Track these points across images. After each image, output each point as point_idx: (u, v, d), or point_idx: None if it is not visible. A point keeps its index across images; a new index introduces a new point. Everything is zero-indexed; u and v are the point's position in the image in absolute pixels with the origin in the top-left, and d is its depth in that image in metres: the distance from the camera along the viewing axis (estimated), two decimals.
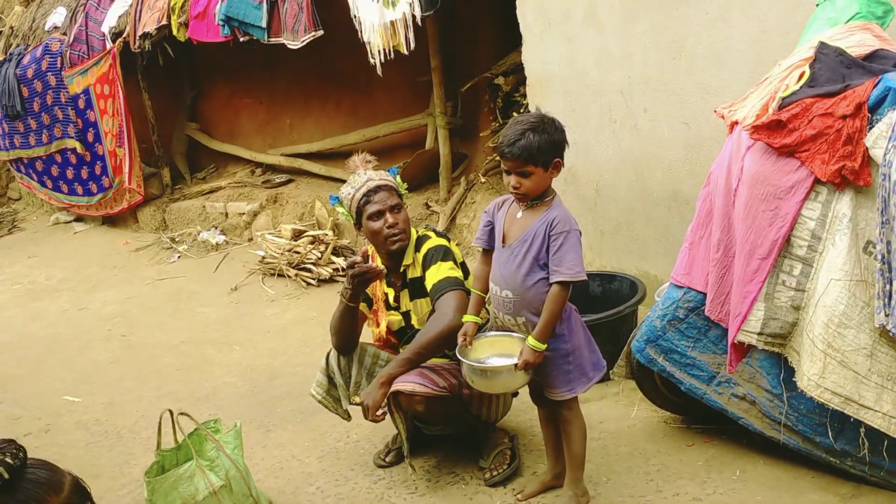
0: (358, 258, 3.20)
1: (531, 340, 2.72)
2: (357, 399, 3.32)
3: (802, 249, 2.62)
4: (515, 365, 2.74)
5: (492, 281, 2.87)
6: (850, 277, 2.52)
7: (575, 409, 2.91)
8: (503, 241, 2.83)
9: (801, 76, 2.69)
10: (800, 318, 2.66)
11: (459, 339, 2.89)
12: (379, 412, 3.15)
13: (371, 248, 3.42)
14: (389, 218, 3.25)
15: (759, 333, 2.72)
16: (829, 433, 2.79)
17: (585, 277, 2.73)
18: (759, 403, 2.97)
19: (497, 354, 2.87)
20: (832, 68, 2.65)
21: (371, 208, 3.26)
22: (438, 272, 3.20)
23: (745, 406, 3.02)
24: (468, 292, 3.11)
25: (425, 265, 3.26)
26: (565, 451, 2.96)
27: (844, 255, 2.52)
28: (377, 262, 3.36)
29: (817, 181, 2.57)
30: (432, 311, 3.21)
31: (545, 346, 2.73)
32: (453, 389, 3.17)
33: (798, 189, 2.59)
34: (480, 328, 2.97)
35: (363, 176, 3.34)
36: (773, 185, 2.63)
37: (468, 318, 2.94)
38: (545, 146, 2.67)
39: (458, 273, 3.24)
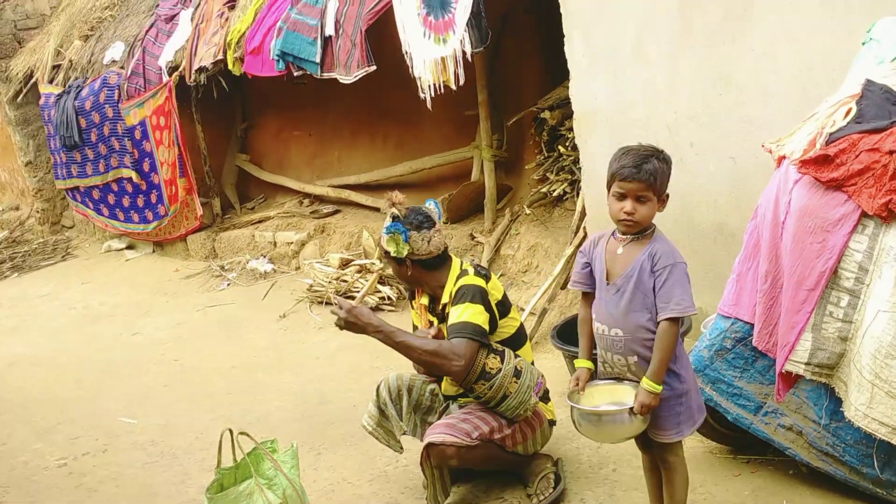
0: None
1: (646, 382, 2.58)
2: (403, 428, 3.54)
3: (850, 281, 2.67)
4: (630, 409, 2.59)
5: (598, 321, 2.74)
6: None
7: (681, 455, 2.79)
8: (607, 279, 2.72)
9: (847, 112, 2.75)
10: (847, 349, 2.70)
11: (571, 384, 2.77)
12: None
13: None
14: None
15: (807, 363, 2.77)
16: (876, 464, 2.82)
17: (695, 311, 2.63)
18: (806, 434, 3.00)
19: (610, 403, 2.71)
20: (879, 105, 2.71)
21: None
22: (462, 314, 3.25)
23: (791, 436, 3.05)
24: (484, 344, 3.21)
25: (454, 300, 3.34)
26: (666, 499, 2.84)
27: (891, 287, 2.56)
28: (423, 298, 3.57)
29: (864, 214, 2.62)
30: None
31: (661, 387, 2.59)
32: (484, 437, 3.27)
33: (845, 222, 2.65)
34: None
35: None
36: (820, 218, 2.69)
37: (581, 363, 2.80)
38: (665, 176, 2.63)
39: (483, 319, 3.26)
